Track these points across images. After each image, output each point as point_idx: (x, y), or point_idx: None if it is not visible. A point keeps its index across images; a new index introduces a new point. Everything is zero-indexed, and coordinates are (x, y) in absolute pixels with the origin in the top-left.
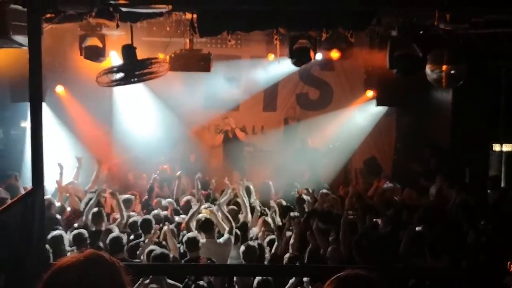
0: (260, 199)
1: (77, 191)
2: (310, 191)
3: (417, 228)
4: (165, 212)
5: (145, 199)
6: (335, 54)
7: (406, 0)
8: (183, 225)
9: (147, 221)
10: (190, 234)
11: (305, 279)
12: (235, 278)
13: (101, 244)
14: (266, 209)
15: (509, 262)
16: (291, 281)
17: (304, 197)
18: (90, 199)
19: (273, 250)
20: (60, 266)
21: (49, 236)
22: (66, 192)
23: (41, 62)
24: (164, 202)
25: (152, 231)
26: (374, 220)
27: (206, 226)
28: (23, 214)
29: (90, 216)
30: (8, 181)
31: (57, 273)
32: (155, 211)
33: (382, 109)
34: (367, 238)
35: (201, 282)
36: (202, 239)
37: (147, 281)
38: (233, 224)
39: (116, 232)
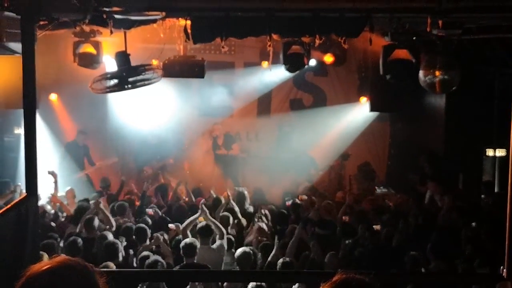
0: (252, 204)
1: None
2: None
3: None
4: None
5: (138, 207)
6: (329, 59)
7: (399, 7)
8: (174, 231)
9: (142, 229)
10: (188, 240)
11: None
12: (225, 284)
13: (94, 250)
14: (262, 216)
15: (502, 267)
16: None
17: (298, 202)
18: (83, 207)
19: (269, 258)
20: (34, 273)
21: (42, 243)
22: (59, 203)
23: (34, 69)
24: (149, 209)
25: (148, 240)
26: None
27: (206, 231)
28: (17, 221)
29: (83, 223)
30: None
31: (31, 279)
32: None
33: (375, 114)
34: (361, 247)
35: None
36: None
37: None
38: (224, 230)
39: (110, 238)
